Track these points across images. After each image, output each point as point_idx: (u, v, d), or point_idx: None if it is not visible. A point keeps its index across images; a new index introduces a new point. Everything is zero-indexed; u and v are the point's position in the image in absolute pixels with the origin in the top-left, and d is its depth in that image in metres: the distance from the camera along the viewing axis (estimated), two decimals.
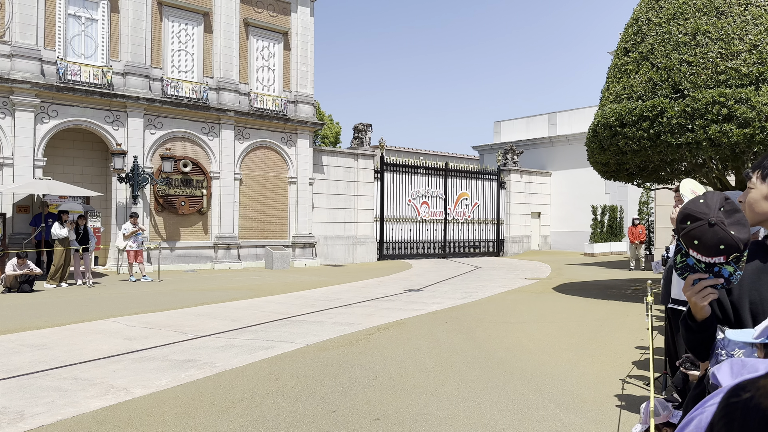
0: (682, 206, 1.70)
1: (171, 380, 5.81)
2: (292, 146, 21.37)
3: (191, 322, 9.22)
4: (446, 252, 26.12)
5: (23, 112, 15.96)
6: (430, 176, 25.92)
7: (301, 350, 7.20)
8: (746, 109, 10.04)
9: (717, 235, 1.60)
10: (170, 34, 18.98)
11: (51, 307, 10.66)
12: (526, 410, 4.99)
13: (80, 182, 17.82)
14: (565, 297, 12.58)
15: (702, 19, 10.96)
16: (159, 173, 18.17)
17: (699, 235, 1.62)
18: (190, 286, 14.32)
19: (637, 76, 11.72)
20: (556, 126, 32.32)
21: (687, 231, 1.65)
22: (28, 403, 5.05)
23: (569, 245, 30.06)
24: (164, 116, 18.56)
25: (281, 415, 4.83)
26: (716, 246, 1.61)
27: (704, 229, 1.61)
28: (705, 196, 1.67)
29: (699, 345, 1.74)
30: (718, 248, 1.61)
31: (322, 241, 21.98)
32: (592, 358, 6.90)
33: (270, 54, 21.13)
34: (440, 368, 6.38)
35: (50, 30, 16.73)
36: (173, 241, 18.75)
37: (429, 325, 8.95)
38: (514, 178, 29.04)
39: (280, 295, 12.72)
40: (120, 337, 7.99)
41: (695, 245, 1.64)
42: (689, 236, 1.65)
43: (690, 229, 1.64)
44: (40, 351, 7.08)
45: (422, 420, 4.73)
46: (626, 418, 4.80)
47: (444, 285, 14.98)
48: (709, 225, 1.60)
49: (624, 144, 11.66)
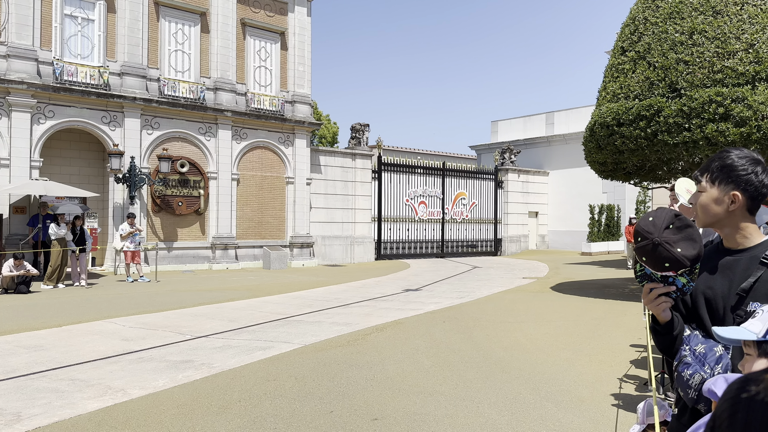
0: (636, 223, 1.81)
1: (168, 381, 5.80)
2: (290, 146, 21.36)
3: (189, 322, 9.20)
4: (444, 252, 26.13)
5: (19, 112, 15.92)
6: (428, 176, 25.92)
7: (299, 350, 7.19)
8: (743, 108, 10.06)
9: (661, 255, 1.70)
10: (167, 34, 18.95)
11: (48, 308, 10.63)
12: (524, 409, 4.99)
13: (77, 183, 17.78)
14: (563, 296, 12.59)
15: (698, 18, 10.98)
16: (156, 174, 18.13)
17: (645, 253, 1.74)
18: (187, 286, 14.30)
19: (634, 75, 11.74)
20: (553, 125, 32.34)
21: (636, 248, 1.77)
22: (25, 405, 5.04)
23: (567, 244, 30.09)
24: (161, 116, 18.52)
25: (279, 415, 4.83)
26: (662, 263, 1.72)
27: (649, 249, 1.72)
28: (655, 213, 1.77)
29: (668, 346, 1.84)
30: (664, 265, 1.72)
31: (320, 241, 21.97)
32: (589, 357, 6.91)
33: (267, 54, 21.11)
34: (438, 368, 6.38)
35: (46, 30, 16.69)
36: (170, 241, 18.71)
37: (427, 325, 8.95)
38: (512, 177, 29.06)
39: (277, 295, 12.70)
40: (117, 338, 7.97)
41: (644, 261, 1.76)
42: (639, 252, 1.76)
43: (638, 247, 1.76)
44: (36, 352, 7.06)
45: (420, 420, 4.73)
46: (624, 417, 4.80)
47: (442, 284, 14.98)
48: (653, 245, 1.71)
49: (621, 143, 11.68)
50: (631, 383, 5.83)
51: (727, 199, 1.80)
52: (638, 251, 1.75)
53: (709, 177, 1.84)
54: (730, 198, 1.80)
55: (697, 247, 1.71)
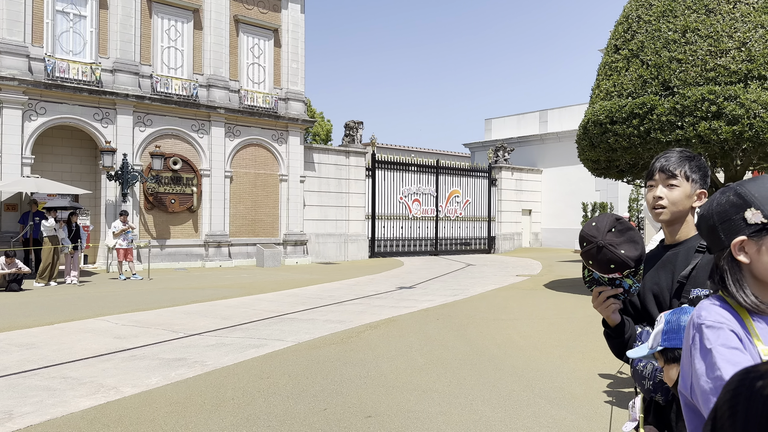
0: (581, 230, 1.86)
1: (161, 379, 5.78)
2: (283, 144, 21.30)
3: (181, 320, 9.17)
4: (438, 249, 26.15)
5: (11, 109, 15.80)
6: (422, 174, 25.92)
7: (293, 348, 7.18)
8: (735, 106, 10.11)
9: (605, 257, 1.77)
10: (160, 30, 18.85)
11: (40, 306, 10.57)
12: (518, 407, 5.01)
13: (69, 180, 17.67)
14: (556, 294, 12.63)
15: (691, 16, 11.02)
16: (149, 171, 18.05)
17: (591, 257, 1.80)
18: (180, 284, 14.25)
19: (627, 73, 11.77)
20: (546, 123, 32.41)
21: (582, 252, 1.83)
22: (17, 403, 5.01)
23: (560, 242, 30.18)
24: (154, 113, 18.43)
25: (273, 413, 4.82)
26: (607, 265, 1.78)
27: (594, 252, 1.79)
28: (597, 218, 1.85)
29: (620, 350, 1.93)
30: (609, 267, 1.78)
31: (314, 239, 21.94)
32: (582, 355, 6.93)
33: (260, 51, 21.04)
34: (432, 365, 6.38)
35: (38, 26, 16.56)
36: (163, 239, 18.64)
37: (420, 323, 8.96)
38: (505, 175, 29.11)
39: (271, 293, 12.68)
40: (110, 335, 7.93)
41: (591, 264, 1.82)
42: (585, 256, 1.82)
43: (584, 251, 1.82)
44: (28, 350, 7.02)
45: (414, 417, 4.73)
46: (617, 413, 4.82)
47: (435, 282, 15.00)
48: (597, 248, 1.78)
49: (614, 141, 11.71)
50: (623, 380, 5.85)
51: (695, 197, 1.95)
52: (584, 255, 1.82)
53: (684, 173, 1.95)
54: (697, 196, 1.96)
55: (639, 248, 1.79)
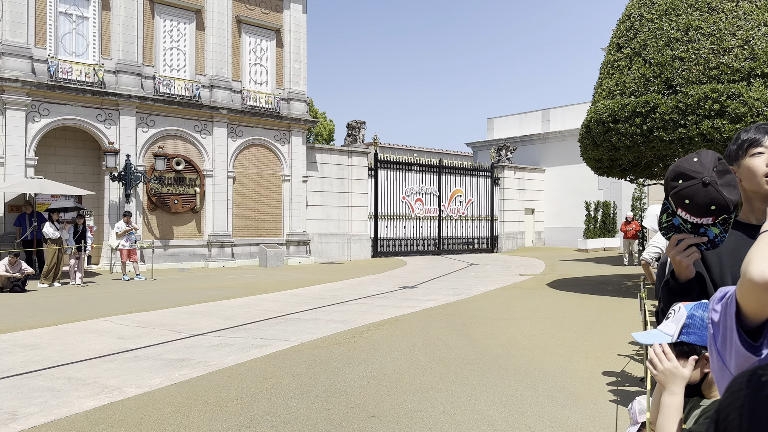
0: (674, 164, 1.65)
1: (165, 379, 5.79)
2: (286, 144, 21.32)
3: (185, 320, 9.18)
4: (440, 249, 26.14)
5: (14, 110, 15.85)
6: (424, 173, 25.91)
7: (296, 348, 7.18)
8: (738, 104, 10.08)
9: (709, 195, 1.56)
10: (162, 31, 18.88)
11: (43, 307, 10.59)
12: (521, 406, 5.00)
13: (72, 181, 17.72)
14: (559, 293, 12.62)
15: (694, 14, 10.99)
16: (152, 171, 18.08)
17: (691, 194, 1.59)
18: (183, 284, 14.28)
19: (630, 72, 11.75)
20: (549, 122, 32.37)
21: (679, 190, 1.61)
22: (21, 404, 5.02)
23: (563, 241, 30.14)
24: (156, 114, 18.47)
25: (276, 413, 4.82)
26: (708, 206, 1.57)
27: (697, 188, 1.57)
28: (699, 154, 1.63)
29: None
30: (709, 208, 1.58)
31: (317, 239, 21.95)
32: (586, 354, 6.92)
33: (263, 51, 21.05)
34: (435, 365, 6.38)
35: (41, 28, 16.61)
36: (166, 239, 18.67)
37: (423, 322, 8.96)
38: (508, 174, 29.08)
39: (274, 293, 12.69)
40: (113, 336, 7.95)
41: (686, 204, 1.60)
42: (680, 195, 1.61)
43: (682, 188, 1.60)
44: (32, 351, 7.04)
45: (417, 417, 4.73)
46: (621, 413, 4.81)
47: (438, 282, 14.99)
48: (702, 184, 1.56)
49: (617, 140, 11.69)
50: (627, 379, 5.84)
51: None
52: (679, 195, 1.60)
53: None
54: None
55: (737, 193, 1.59)
